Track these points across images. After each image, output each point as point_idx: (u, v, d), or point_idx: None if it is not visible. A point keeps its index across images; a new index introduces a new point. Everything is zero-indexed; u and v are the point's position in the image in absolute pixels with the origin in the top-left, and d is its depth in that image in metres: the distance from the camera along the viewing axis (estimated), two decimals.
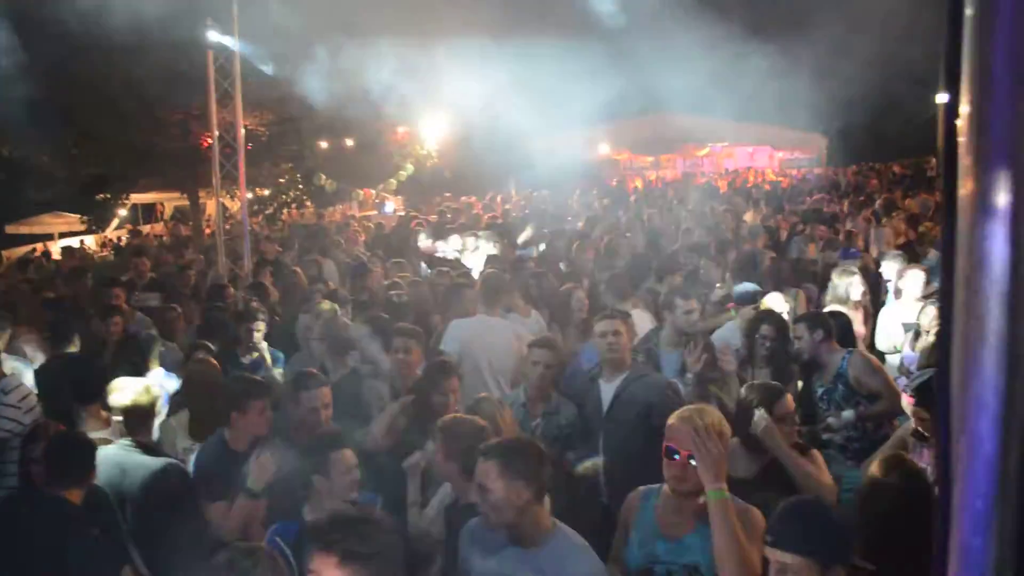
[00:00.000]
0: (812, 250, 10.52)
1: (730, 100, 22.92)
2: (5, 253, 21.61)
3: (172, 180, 23.17)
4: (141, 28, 10.87)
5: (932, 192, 17.51)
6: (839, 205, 17.51)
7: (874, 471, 3.29)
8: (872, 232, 11.80)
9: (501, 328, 6.16)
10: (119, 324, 7.19)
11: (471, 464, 3.40)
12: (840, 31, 20.65)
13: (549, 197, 22.33)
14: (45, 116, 16.55)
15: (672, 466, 3.26)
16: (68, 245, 17.95)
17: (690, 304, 5.84)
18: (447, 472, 3.89)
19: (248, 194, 16.55)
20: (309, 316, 6.49)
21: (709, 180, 28.08)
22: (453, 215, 16.47)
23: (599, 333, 5.09)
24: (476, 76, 17.22)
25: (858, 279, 7.79)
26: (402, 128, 24.54)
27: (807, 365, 5.75)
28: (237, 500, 4.07)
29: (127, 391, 4.67)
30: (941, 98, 0.83)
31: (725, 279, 8.40)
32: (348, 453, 3.76)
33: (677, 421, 3.29)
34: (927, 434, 4.05)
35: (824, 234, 11.52)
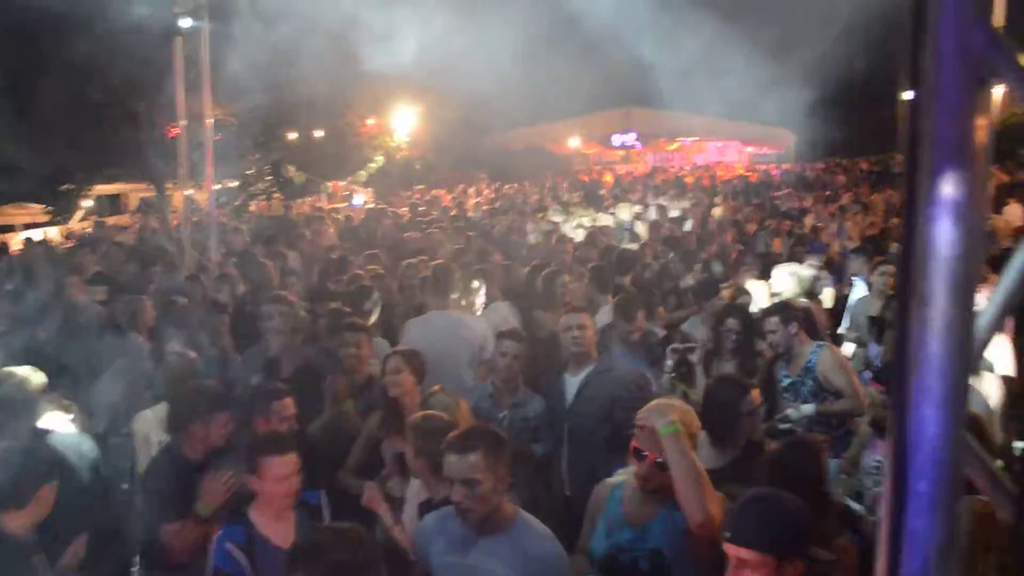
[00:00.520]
0: (778, 244, 10.63)
1: (700, 95, 23.06)
2: None
3: (138, 171, 22.85)
4: (106, 14, 10.68)
5: (897, 188, 17.75)
6: (804, 201, 17.69)
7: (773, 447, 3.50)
8: (835, 227, 11.95)
9: (449, 323, 6.05)
10: None
11: (440, 463, 3.41)
12: (810, 27, 20.84)
13: (518, 191, 22.31)
14: (6, 105, 16.25)
15: (640, 467, 3.30)
16: (29, 237, 17.63)
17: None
18: (418, 470, 3.88)
19: (216, 185, 16.37)
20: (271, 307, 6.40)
21: (678, 176, 28.24)
22: (425, 208, 16.41)
23: (563, 327, 5.11)
24: (447, 69, 17.16)
25: (824, 274, 7.92)
26: (372, 120, 24.42)
27: (774, 355, 5.80)
28: (186, 523, 3.98)
29: None
30: (907, 95, 0.84)
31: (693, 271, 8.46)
32: (284, 459, 3.61)
33: (645, 422, 3.33)
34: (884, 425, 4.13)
35: (789, 228, 11.65)
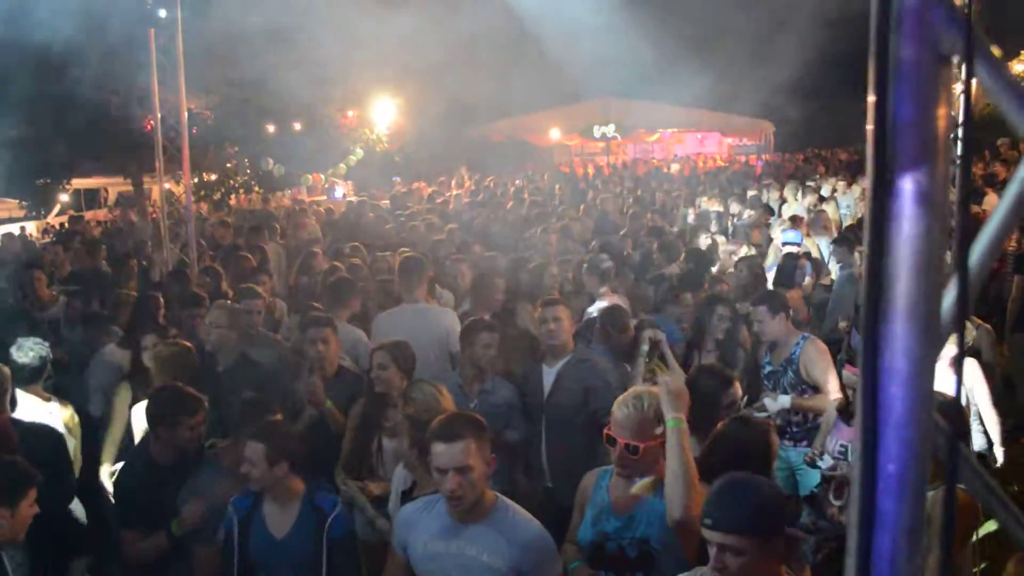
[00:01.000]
0: (756, 235, 10.69)
1: (680, 86, 23.11)
2: None
3: (115, 164, 22.63)
4: (79, 5, 10.55)
5: None
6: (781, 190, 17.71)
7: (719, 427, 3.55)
8: (811, 216, 12.02)
9: (417, 315, 6.02)
10: None
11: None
12: (786, 18, 20.94)
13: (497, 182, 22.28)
14: None
15: (614, 453, 3.34)
16: (9, 232, 17.43)
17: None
18: (414, 461, 3.90)
19: (194, 179, 16.23)
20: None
21: (659, 166, 28.30)
22: (403, 198, 16.35)
23: (540, 320, 5.12)
24: (426, 60, 17.11)
25: (803, 263, 7.97)
26: (351, 112, 24.28)
27: (757, 341, 5.84)
28: (156, 535, 4.02)
29: None
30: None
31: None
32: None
33: (616, 409, 3.38)
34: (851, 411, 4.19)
35: (767, 219, 11.70)
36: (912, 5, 0.69)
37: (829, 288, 8.71)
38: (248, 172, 22.70)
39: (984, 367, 5.83)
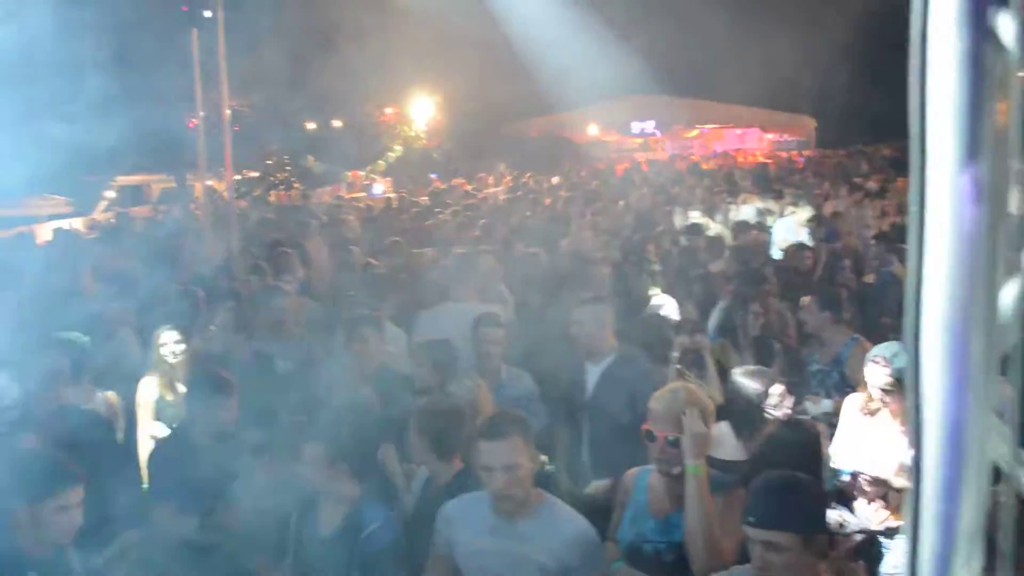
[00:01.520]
0: (799, 232, 10.54)
1: (720, 82, 22.93)
2: None
3: (159, 162, 23.02)
4: (125, 4, 10.73)
5: None
6: (823, 187, 17.48)
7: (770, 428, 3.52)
8: (855, 213, 11.85)
9: (458, 314, 5.91)
10: None
11: (443, 445, 3.53)
12: (829, 12, 20.65)
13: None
14: (29, 99, 16.36)
15: (652, 448, 3.30)
16: (59, 227, 17.80)
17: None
18: (421, 450, 3.87)
19: (236, 175, 16.43)
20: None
21: (697, 162, 28.04)
22: (443, 195, 16.40)
23: (576, 321, 5.03)
24: (466, 57, 17.15)
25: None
26: (390, 109, 24.43)
27: (805, 338, 5.73)
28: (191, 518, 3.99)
29: None
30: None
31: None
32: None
33: (655, 403, 3.34)
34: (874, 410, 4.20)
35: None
36: None
37: (871, 287, 8.57)
38: (288, 169, 22.95)
39: None
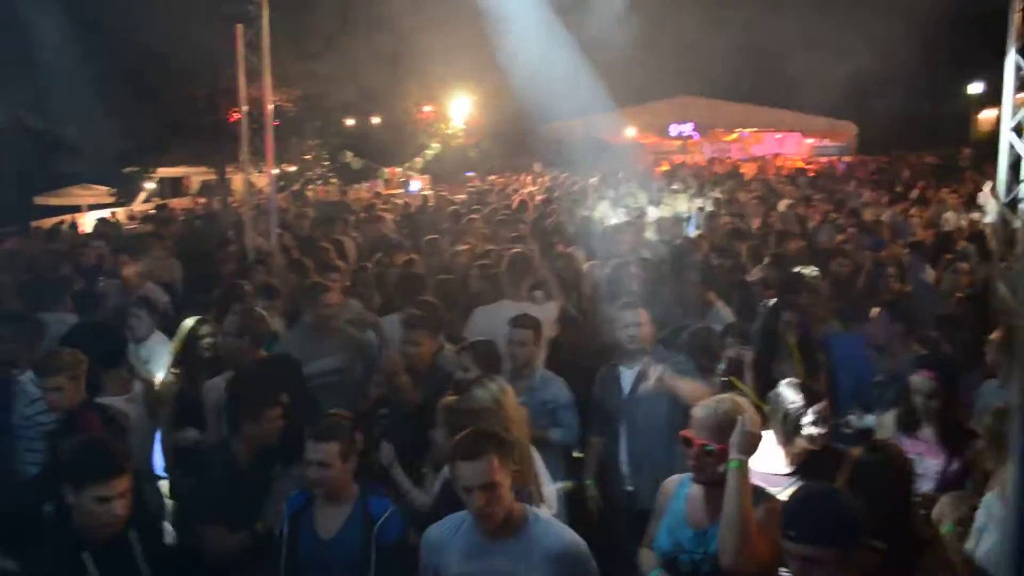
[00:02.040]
0: (840, 239, 10.37)
1: (760, 85, 22.69)
2: (34, 224, 21.85)
3: (199, 154, 23.29)
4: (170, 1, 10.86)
5: (962, 182, 17.17)
6: (865, 195, 17.21)
7: (856, 452, 3.42)
8: (896, 221, 11.65)
9: (509, 314, 5.77)
10: None
11: None
12: (873, 17, 20.35)
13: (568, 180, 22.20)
14: (74, 89, 16.66)
15: (689, 456, 3.27)
16: (103, 216, 18.11)
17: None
18: (444, 448, 3.84)
19: (275, 170, 16.56)
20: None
21: (734, 166, 27.78)
22: (480, 195, 16.41)
23: (619, 324, 5.01)
24: (505, 56, 17.11)
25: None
26: (428, 107, 24.50)
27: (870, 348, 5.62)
28: (240, 534, 3.94)
29: None
30: (973, 88, 0.77)
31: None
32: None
33: (698, 410, 3.32)
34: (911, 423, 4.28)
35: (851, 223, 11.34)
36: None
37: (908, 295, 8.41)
38: (326, 164, 23.11)
39: None
